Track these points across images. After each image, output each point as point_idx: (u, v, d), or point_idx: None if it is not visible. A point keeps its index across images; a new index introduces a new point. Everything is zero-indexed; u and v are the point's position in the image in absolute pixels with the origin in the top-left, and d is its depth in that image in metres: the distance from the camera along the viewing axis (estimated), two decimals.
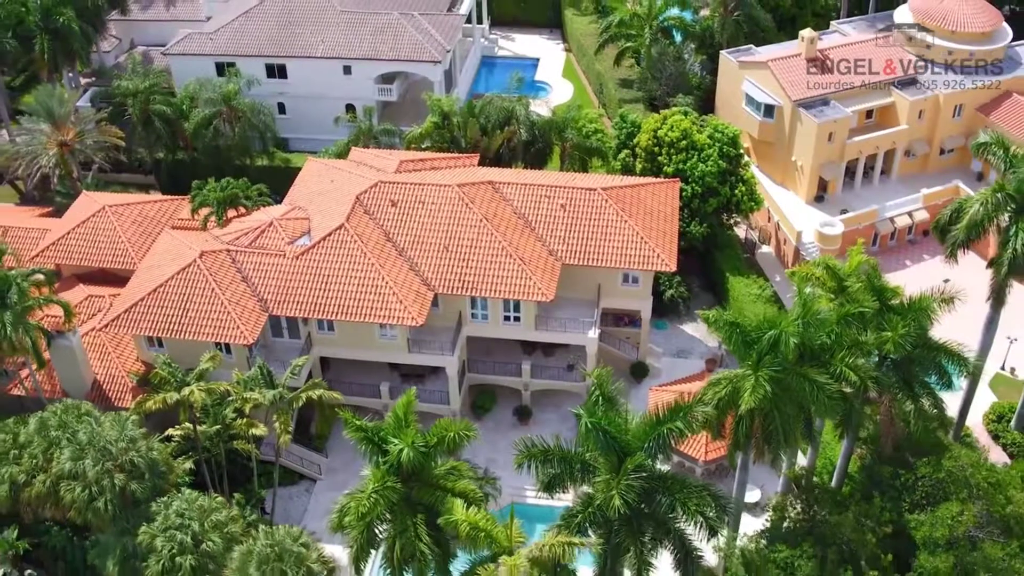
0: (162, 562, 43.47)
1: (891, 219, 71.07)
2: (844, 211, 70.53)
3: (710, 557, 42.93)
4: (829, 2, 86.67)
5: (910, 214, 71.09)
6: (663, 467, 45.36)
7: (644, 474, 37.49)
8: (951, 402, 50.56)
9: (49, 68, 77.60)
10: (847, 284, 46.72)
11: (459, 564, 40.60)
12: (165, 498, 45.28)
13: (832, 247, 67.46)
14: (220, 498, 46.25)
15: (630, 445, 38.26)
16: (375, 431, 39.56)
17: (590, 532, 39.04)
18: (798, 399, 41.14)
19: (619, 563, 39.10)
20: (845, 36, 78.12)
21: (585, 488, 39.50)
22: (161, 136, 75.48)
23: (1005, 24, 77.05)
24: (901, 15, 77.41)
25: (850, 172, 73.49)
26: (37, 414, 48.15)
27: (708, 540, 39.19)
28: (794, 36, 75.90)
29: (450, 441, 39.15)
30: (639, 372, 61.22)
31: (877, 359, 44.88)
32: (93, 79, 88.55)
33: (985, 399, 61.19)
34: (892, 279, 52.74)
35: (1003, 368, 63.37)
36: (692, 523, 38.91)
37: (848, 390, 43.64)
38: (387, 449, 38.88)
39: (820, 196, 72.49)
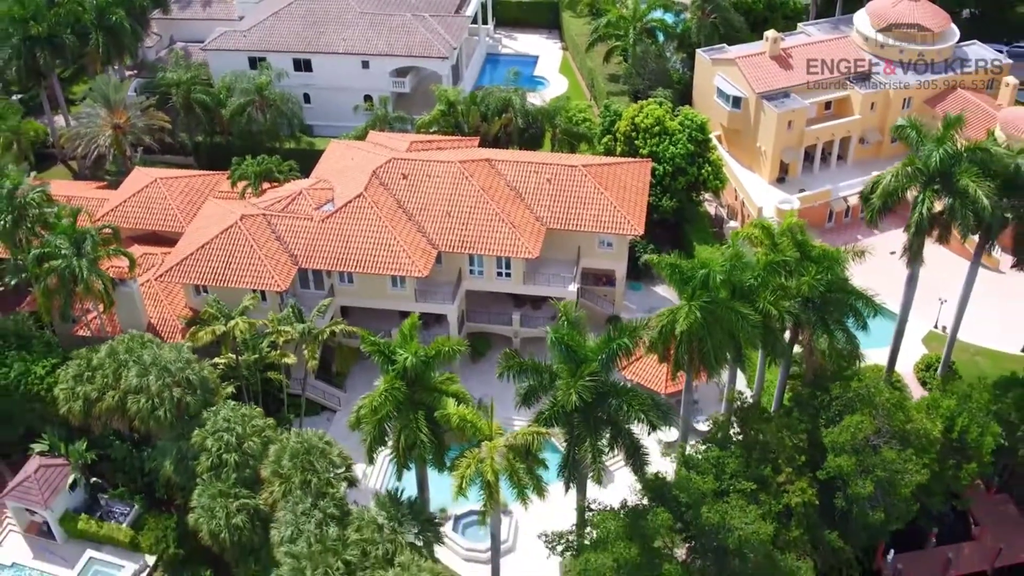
0: (211, 459, 54.20)
1: (844, 199, 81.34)
2: (802, 191, 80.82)
3: (661, 464, 53.55)
4: (799, 6, 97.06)
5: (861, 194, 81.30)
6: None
7: (598, 378, 47.99)
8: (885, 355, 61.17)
9: (101, 61, 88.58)
10: (778, 241, 57.04)
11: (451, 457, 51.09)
12: (213, 408, 56.01)
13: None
14: (259, 408, 56.92)
15: (587, 356, 48.75)
16: (386, 345, 50.17)
17: (556, 428, 49.71)
18: (727, 327, 51.53)
19: (579, 451, 49.49)
20: (809, 36, 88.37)
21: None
22: (201, 121, 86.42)
23: (953, 26, 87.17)
24: (860, 18, 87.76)
25: (810, 156, 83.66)
26: (107, 342, 58.97)
27: (649, 434, 49.67)
28: None
29: (445, 353, 49.72)
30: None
31: (801, 302, 55.27)
32: (135, 71, 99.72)
33: (918, 352, 71.46)
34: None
35: (936, 327, 73.47)
36: (637, 421, 49.42)
37: (776, 325, 54.15)
38: (395, 359, 49.44)
39: (782, 177, 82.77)
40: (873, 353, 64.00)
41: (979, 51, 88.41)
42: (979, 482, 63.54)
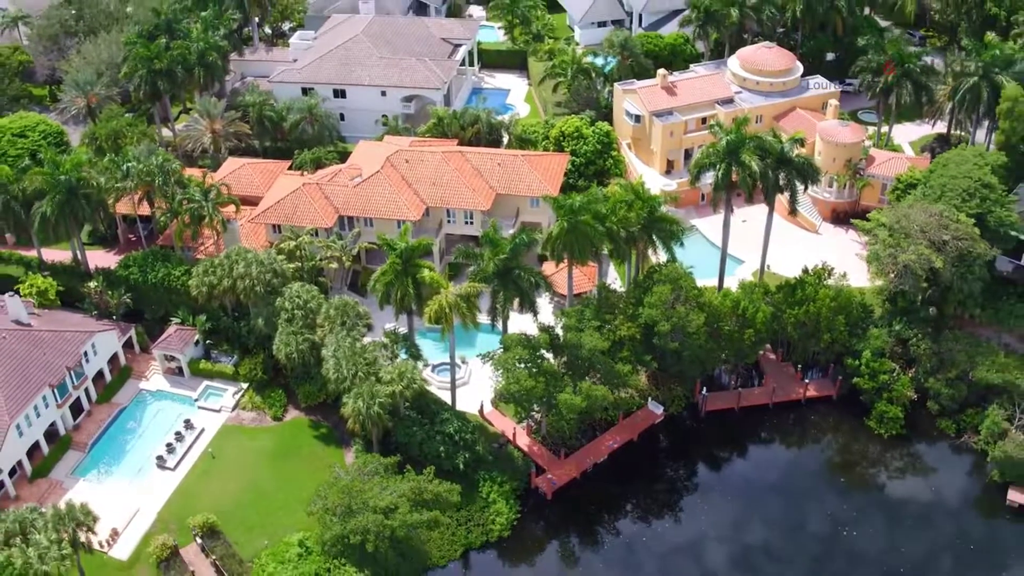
0: (288, 315, 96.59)
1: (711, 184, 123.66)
2: (680, 181, 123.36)
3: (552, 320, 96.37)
4: (696, 52, 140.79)
5: None
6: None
7: (506, 256, 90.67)
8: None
9: (200, 88, 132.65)
10: (628, 191, 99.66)
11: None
12: (288, 287, 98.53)
13: (673, 201, 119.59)
14: (315, 287, 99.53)
15: (503, 247, 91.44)
16: (390, 241, 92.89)
17: (484, 285, 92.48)
18: (586, 236, 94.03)
19: (497, 301, 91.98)
20: (695, 73, 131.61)
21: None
22: (268, 131, 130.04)
23: (798, 64, 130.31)
24: (732, 61, 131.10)
25: (689, 156, 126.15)
26: (226, 251, 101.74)
27: (536, 292, 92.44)
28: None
29: (424, 246, 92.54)
30: (543, 257, 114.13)
31: (640, 226, 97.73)
32: (218, 97, 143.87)
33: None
34: (707, 222, 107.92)
35: (767, 268, 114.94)
36: (529, 284, 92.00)
37: (621, 236, 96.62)
38: (395, 247, 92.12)
39: (668, 171, 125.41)
40: (713, 282, 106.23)
41: (818, 82, 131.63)
42: (772, 355, 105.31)
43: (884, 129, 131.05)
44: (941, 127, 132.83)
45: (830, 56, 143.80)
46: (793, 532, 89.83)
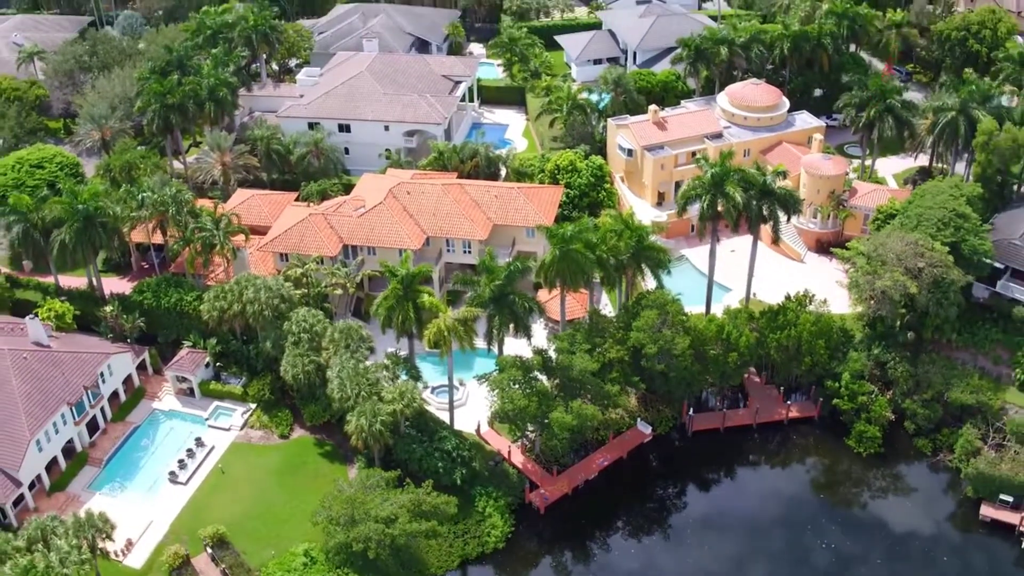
0: (294, 338, 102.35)
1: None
2: (669, 213, 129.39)
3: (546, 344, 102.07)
4: (687, 88, 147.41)
5: None
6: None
7: (501, 283, 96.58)
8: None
9: (211, 122, 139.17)
10: (618, 221, 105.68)
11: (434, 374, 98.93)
12: (294, 312, 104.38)
13: (661, 231, 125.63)
14: (320, 312, 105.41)
15: (499, 274, 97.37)
16: (391, 268, 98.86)
17: (480, 310, 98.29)
18: (579, 264, 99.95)
19: (493, 325, 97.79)
20: (686, 109, 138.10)
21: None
22: (276, 164, 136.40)
23: (784, 99, 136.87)
24: (721, 97, 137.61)
25: (680, 188, 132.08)
26: (235, 277, 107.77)
27: (530, 317, 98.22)
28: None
29: (423, 273, 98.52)
30: (537, 285, 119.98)
31: (628, 254, 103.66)
32: (225, 131, 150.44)
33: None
34: (697, 252, 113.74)
35: (753, 295, 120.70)
36: (523, 309, 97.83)
37: (611, 264, 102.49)
38: (396, 273, 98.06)
39: (659, 202, 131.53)
40: (702, 309, 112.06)
41: (804, 118, 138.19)
42: (757, 378, 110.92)
43: (868, 162, 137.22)
44: (923, 160, 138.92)
45: (817, 92, 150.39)
46: (775, 545, 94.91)
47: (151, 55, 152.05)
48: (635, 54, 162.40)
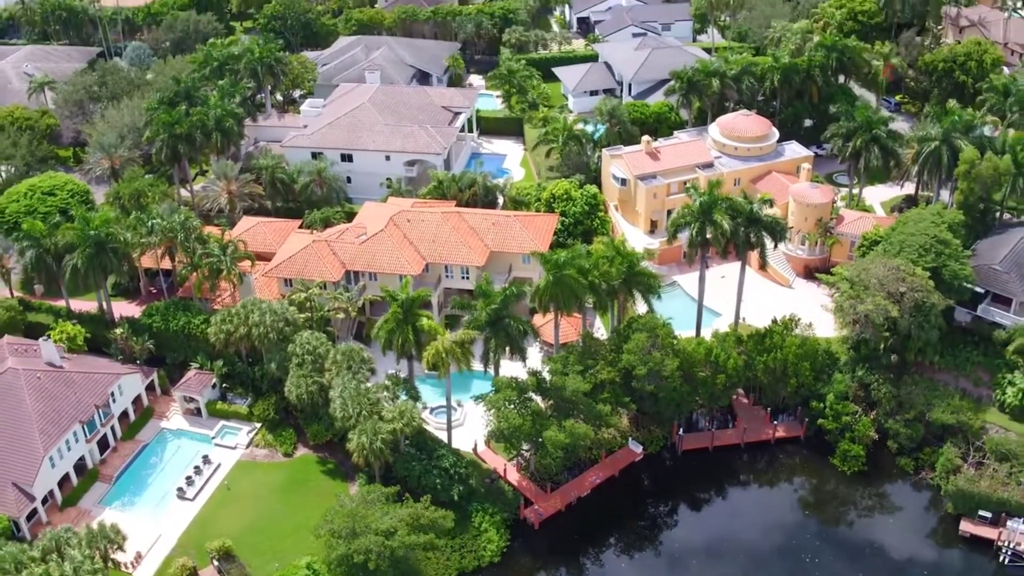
0: (298, 359, 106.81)
1: None
2: (662, 240, 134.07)
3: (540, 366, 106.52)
4: (680, 119, 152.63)
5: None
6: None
7: (497, 307, 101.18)
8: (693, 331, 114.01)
9: (217, 151, 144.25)
10: (610, 247, 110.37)
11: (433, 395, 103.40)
12: (298, 334, 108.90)
13: (651, 257, 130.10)
14: (323, 335, 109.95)
15: (495, 298, 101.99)
16: (392, 293, 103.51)
17: (477, 332, 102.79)
18: (571, 288, 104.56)
19: (490, 348, 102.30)
20: (678, 139, 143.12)
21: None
22: (280, 192, 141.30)
23: (774, 130, 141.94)
24: (712, 127, 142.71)
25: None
26: (241, 301, 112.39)
27: (525, 339, 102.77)
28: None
29: (423, 297, 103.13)
30: (533, 309, 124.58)
31: (620, 279, 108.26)
32: (231, 160, 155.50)
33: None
34: (688, 278, 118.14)
35: (741, 319, 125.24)
36: (518, 332, 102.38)
37: (603, 288, 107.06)
38: (396, 298, 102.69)
39: (652, 230, 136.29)
40: (692, 333, 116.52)
41: (793, 148, 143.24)
42: (745, 399, 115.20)
43: (856, 191, 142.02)
44: (909, 188, 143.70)
45: (808, 123, 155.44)
46: (760, 559, 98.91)
47: (159, 86, 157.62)
48: (630, 86, 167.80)
